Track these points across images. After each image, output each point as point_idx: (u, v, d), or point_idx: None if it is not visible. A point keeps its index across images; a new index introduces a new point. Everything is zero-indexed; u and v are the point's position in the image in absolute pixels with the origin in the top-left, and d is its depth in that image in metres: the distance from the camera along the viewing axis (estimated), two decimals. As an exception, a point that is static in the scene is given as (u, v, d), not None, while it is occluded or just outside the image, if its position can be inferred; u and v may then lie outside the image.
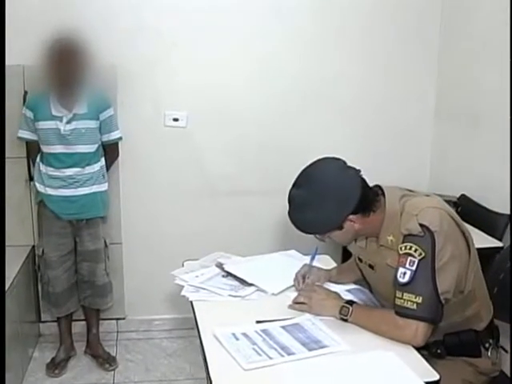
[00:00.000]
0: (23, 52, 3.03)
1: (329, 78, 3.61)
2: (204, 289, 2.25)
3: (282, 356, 1.78)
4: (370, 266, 2.19)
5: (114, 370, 3.37)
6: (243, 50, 3.50)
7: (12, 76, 3.22)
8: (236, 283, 2.29)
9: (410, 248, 1.92)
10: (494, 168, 3.09)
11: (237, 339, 1.87)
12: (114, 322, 3.71)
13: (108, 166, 3.32)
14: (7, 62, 3.14)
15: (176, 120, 3.53)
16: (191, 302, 2.18)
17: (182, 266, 2.47)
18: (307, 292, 2.17)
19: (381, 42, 3.62)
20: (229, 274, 2.35)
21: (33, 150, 3.23)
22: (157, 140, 3.55)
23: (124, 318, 3.76)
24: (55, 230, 3.22)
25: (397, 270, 1.95)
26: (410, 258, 1.91)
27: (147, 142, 3.54)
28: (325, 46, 3.57)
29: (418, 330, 1.90)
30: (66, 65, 2.95)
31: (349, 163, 3.69)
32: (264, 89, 3.57)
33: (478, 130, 3.26)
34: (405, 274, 1.91)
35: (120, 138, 3.32)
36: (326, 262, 2.52)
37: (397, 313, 1.93)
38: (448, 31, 3.57)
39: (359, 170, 2.04)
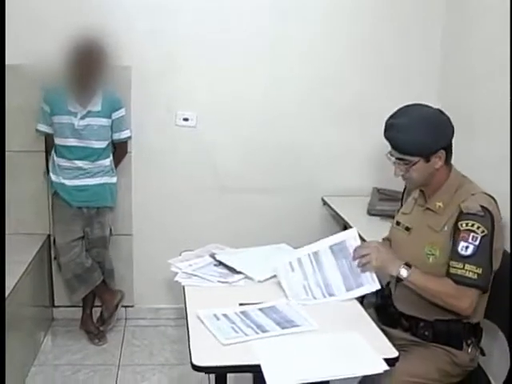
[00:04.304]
0: (37, 51, 3.21)
1: (335, 82, 3.72)
2: (196, 276, 2.42)
3: (257, 333, 1.95)
4: (407, 229, 2.31)
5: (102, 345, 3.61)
6: (252, 51, 3.64)
7: (28, 74, 3.37)
8: (226, 271, 2.46)
9: (473, 225, 2.05)
10: (494, 179, 3.02)
11: (217, 319, 2.04)
12: (123, 309, 3.88)
13: (117, 162, 3.54)
14: (22, 61, 3.33)
15: (186, 120, 3.70)
16: (183, 288, 2.36)
17: (180, 255, 2.64)
18: (374, 244, 2.22)
19: (383, 49, 3.70)
20: (220, 263, 2.52)
21: (50, 143, 3.44)
22: (168, 138, 3.71)
23: (132, 306, 3.94)
24: (66, 217, 3.42)
25: (457, 243, 2.07)
26: (472, 234, 2.05)
27: (159, 140, 3.71)
28: (331, 51, 3.69)
29: (474, 298, 2.05)
30: (86, 64, 3.17)
31: (357, 165, 3.77)
32: (271, 89, 3.71)
33: (476, 141, 3.21)
34: (467, 247, 2.04)
35: (129, 137, 3.54)
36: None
37: (456, 281, 2.05)
38: (451, 39, 3.60)
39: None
